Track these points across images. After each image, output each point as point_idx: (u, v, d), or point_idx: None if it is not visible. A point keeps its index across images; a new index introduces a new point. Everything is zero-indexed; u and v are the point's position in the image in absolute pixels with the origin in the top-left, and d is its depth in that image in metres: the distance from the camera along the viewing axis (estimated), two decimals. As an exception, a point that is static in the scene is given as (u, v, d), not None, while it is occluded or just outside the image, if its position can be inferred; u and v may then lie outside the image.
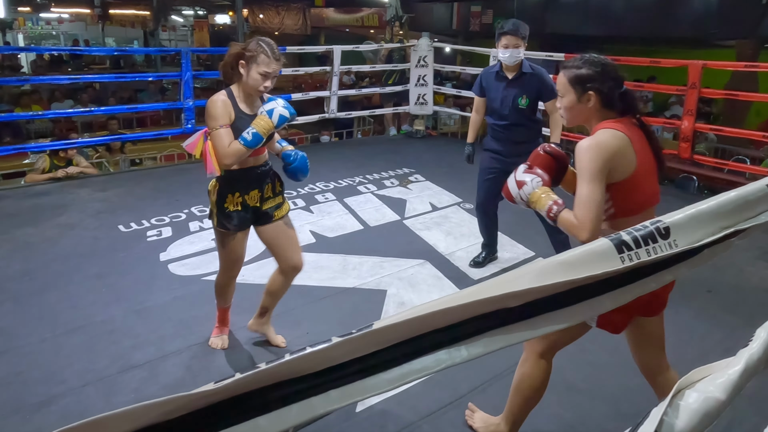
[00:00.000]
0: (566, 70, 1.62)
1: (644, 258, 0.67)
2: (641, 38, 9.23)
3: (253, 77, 2.03)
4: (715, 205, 0.80)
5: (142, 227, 3.73)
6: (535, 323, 0.61)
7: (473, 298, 0.56)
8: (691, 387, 0.72)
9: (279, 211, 2.27)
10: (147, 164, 6.20)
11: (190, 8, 17.89)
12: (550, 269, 0.60)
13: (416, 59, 6.39)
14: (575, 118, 1.64)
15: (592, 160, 1.48)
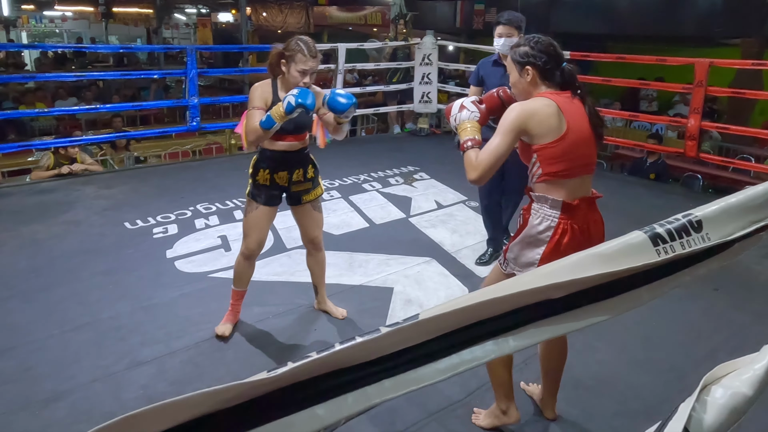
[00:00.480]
0: (511, 51, 1.79)
1: (679, 251, 0.67)
2: (646, 36, 9.21)
3: (292, 74, 2.23)
4: (744, 199, 0.79)
5: (147, 224, 3.73)
6: (577, 315, 0.61)
7: (517, 289, 0.56)
8: (716, 383, 0.71)
9: (308, 195, 2.49)
10: (151, 162, 6.21)
11: (193, 6, 17.89)
12: (588, 261, 0.61)
13: (420, 57, 6.38)
14: (520, 93, 1.77)
15: (511, 119, 1.64)
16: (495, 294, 0.55)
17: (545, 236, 1.66)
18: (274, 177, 2.38)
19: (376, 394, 0.54)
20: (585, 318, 0.60)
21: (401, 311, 2.76)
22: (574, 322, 0.60)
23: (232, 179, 4.78)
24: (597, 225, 1.73)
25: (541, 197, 1.68)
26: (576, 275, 0.58)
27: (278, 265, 3.20)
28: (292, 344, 2.48)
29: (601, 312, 0.61)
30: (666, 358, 2.40)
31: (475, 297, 0.55)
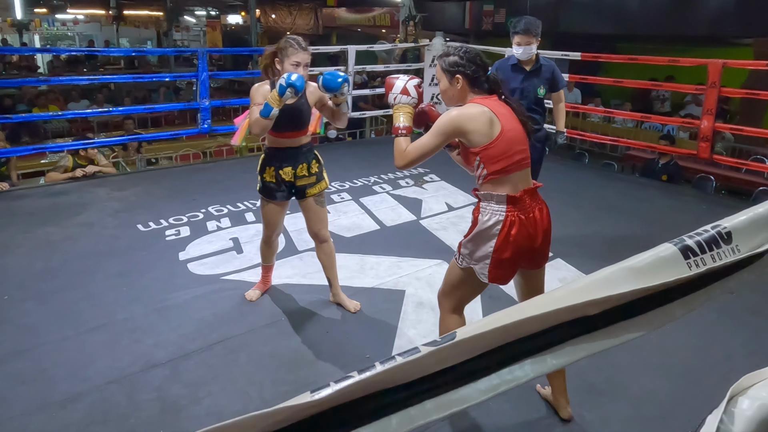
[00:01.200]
0: (439, 59, 1.88)
1: (710, 264, 0.66)
2: (656, 37, 9.14)
3: (287, 69, 2.34)
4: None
5: (160, 226, 3.76)
6: (614, 331, 0.60)
7: (553, 307, 0.56)
8: (743, 394, 0.70)
9: (312, 189, 2.60)
10: (163, 164, 6.25)
11: (202, 9, 18.02)
12: (621, 276, 0.60)
13: (430, 59, 6.38)
14: (450, 99, 1.87)
15: (447, 122, 1.75)
16: (531, 312, 0.55)
17: (495, 230, 1.78)
18: (279, 173, 2.52)
19: (419, 416, 0.53)
20: (621, 334, 0.60)
21: (413, 314, 2.76)
22: (611, 339, 0.59)
23: (243, 181, 4.80)
24: (542, 212, 1.83)
25: (487, 195, 1.80)
26: (610, 291, 0.58)
27: (290, 267, 3.21)
28: (305, 346, 2.48)
29: (637, 328, 0.61)
30: (681, 362, 2.38)
31: (512, 315, 0.55)
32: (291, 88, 2.19)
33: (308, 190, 2.59)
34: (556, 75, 3.28)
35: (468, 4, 12.15)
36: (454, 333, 0.54)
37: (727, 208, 3.70)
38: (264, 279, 2.90)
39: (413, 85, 1.90)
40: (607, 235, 3.44)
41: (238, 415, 0.55)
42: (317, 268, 3.18)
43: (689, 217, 4.23)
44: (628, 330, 0.61)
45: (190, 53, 9.01)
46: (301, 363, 2.37)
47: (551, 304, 0.56)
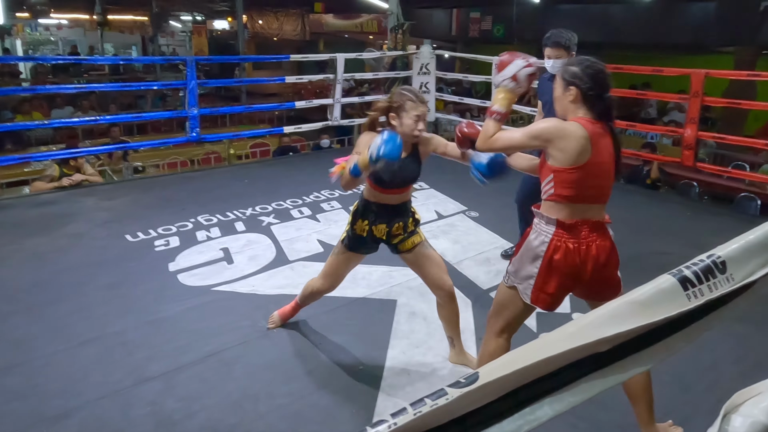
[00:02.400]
0: (562, 67, 1.84)
1: (707, 294, 0.69)
2: (641, 44, 9.31)
3: (406, 124, 2.17)
4: (762, 235, 0.82)
5: (149, 237, 3.74)
6: (624, 366, 0.63)
7: (568, 345, 0.58)
8: (735, 411, 0.74)
9: (403, 245, 2.33)
10: (150, 172, 6.21)
11: (188, 14, 17.93)
12: (626, 310, 0.63)
13: (418, 67, 6.43)
14: (560, 109, 1.81)
15: (543, 128, 1.73)
16: (548, 351, 0.57)
17: (540, 251, 1.74)
18: (372, 229, 2.29)
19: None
20: (630, 369, 0.63)
21: (405, 324, 2.78)
22: (622, 374, 0.62)
23: (233, 190, 4.80)
24: (600, 249, 1.74)
25: (542, 215, 1.77)
26: (618, 326, 0.61)
27: (282, 277, 3.22)
28: (299, 358, 2.49)
29: (644, 362, 0.64)
30: (670, 370, 2.43)
31: (530, 354, 0.57)
32: (382, 161, 1.97)
33: (400, 246, 2.33)
34: None
35: (455, 11, 12.27)
36: (476, 374, 0.56)
37: (711, 215, 3.79)
38: (292, 311, 2.68)
39: (526, 74, 1.82)
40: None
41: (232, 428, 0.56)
42: (309, 279, 3.19)
43: (675, 223, 4.31)
44: (636, 364, 0.64)
45: (179, 61, 8.96)
46: (295, 375, 2.37)
47: (565, 342, 0.58)
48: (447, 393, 0.53)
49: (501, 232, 3.90)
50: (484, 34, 11.72)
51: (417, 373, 2.41)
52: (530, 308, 1.85)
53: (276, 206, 4.33)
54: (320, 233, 3.85)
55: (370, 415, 2.15)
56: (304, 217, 4.13)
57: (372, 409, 2.19)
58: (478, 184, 2.16)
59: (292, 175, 5.29)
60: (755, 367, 2.45)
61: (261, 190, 4.70)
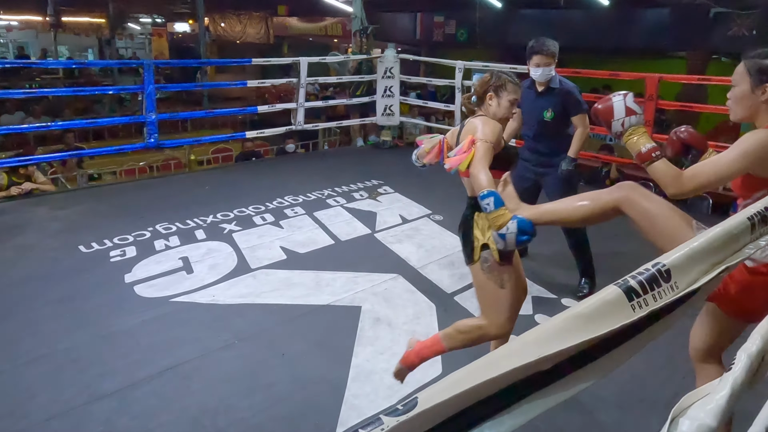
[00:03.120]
0: (748, 60, 1.55)
1: (652, 304, 0.69)
2: (599, 49, 9.57)
3: (504, 105, 2.08)
4: (705, 242, 0.83)
5: (104, 247, 3.60)
6: (566, 383, 0.62)
7: (509, 365, 0.56)
8: (683, 414, 0.74)
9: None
10: (106, 179, 6.01)
11: (147, 16, 17.50)
12: (572, 325, 0.61)
13: (383, 70, 6.43)
14: (744, 110, 1.56)
15: (757, 146, 1.43)
16: (489, 372, 0.55)
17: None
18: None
19: None
20: (574, 385, 0.61)
21: (370, 330, 2.76)
22: (564, 392, 0.61)
23: (193, 197, 4.68)
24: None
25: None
26: (562, 342, 0.59)
27: (243, 286, 3.14)
28: (261, 370, 2.43)
29: (588, 377, 0.63)
30: (627, 369, 2.47)
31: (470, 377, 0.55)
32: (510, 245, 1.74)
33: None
34: (573, 99, 3.09)
35: (419, 15, 12.35)
36: (415, 399, 0.53)
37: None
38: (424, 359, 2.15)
39: (632, 100, 1.59)
40: (556, 242, 3.55)
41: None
42: (271, 287, 3.14)
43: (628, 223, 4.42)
44: (580, 380, 0.63)
45: (136, 65, 8.71)
46: (257, 387, 2.31)
47: (508, 361, 0.56)
48: (383, 422, 0.51)
49: (465, 236, 3.92)
50: (448, 38, 11.83)
51: (382, 381, 2.38)
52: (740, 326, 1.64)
53: (238, 213, 4.25)
54: (283, 240, 3.78)
55: (333, 425, 2.12)
56: (266, 224, 4.06)
57: (336, 419, 2.16)
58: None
59: (255, 180, 5.20)
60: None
61: (222, 197, 4.60)
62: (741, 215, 0.95)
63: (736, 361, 0.86)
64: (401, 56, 6.64)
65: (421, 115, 8.61)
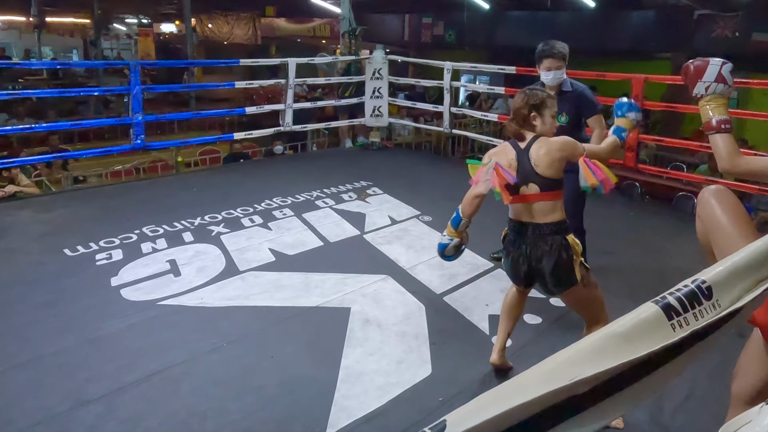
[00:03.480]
0: None
1: (693, 323, 0.64)
2: (586, 50, 9.66)
3: (549, 122, 2.17)
4: (747, 257, 0.77)
5: (90, 250, 3.55)
6: (604, 408, 0.57)
7: (544, 387, 0.52)
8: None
9: None
10: (92, 182, 5.93)
11: (133, 16, 17.34)
12: (608, 345, 0.57)
13: (371, 72, 6.42)
14: None
15: None
16: (523, 396, 0.51)
17: None
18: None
19: None
20: (611, 412, 0.57)
21: (360, 331, 2.75)
22: (601, 419, 0.56)
23: (180, 199, 4.64)
24: None
25: None
26: (599, 363, 0.55)
27: (232, 289, 3.12)
28: (250, 372, 2.41)
29: (626, 402, 0.58)
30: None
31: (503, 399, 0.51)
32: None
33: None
34: (586, 101, 3.09)
35: (407, 16, 12.37)
36: (443, 423, 0.50)
37: (652, 214, 3.94)
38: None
39: (729, 70, 1.57)
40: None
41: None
42: (260, 289, 3.12)
43: (618, 223, 4.47)
44: (617, 405, 0.58)
45: (122, 65, 8.62)
46: (246, 390, 2.30)
47: (541, 385, 0.52)
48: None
49: (454, 236, 3.92)
50: (437, 40, 11.86)
51: (372, 382, 2.38)
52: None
53: (226, 215, 4.22)
54: (272, 242, 3.76)
55: (323, 427, 2.11)
56: (255, 226, 4.03)
57: (326, 421, 2.15)
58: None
59: (243, 182, 5.16)
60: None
61: (210, 199, 4.56)
62: None
63: None
64: (390, 57, 6.64)
65: (410, 117, 8.63)
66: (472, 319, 2.90)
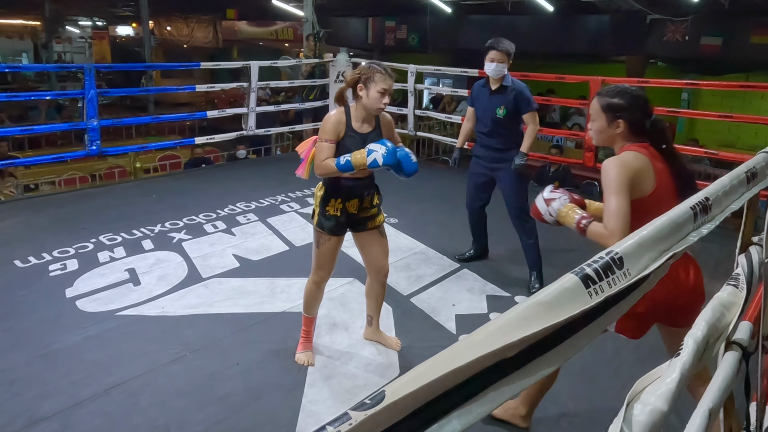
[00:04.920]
0: (600, 97, 1.77)
1: (607, 290, 0.71)
2: (545, 53, 9.88)
3: (372, 96, 2.22)
4: (654, 230, 0.87)
5: (42, 261, 3.40)
6: (530, 369, 0.62)
7: (475, 353, 0.56)
8: (637, 399, 0.76)
9: (373, 221, 2.45)
10: (44, 190, 5.69)
11: (87, 18, 16.79)
12: (533, 312, 0.63)
13: (335, 75, 6.40)
14: (604, 140, 1.79)
15: (618, 175, 1.62)
16: (456, 362, 0.55)
17: None
18: (345, 206, 2.36)
19: None
20: (536, 371, 0.62)
21: (327, 336, 2.72)
22: (528, 378, 0.62)
23: (139, 206, 4.50)
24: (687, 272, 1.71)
25: None
26: (525, 330, 0.60)
27: (195, 296, 3.04)
28: (214, 381, 2.35)
29: (550, 362, 0.64)
30: (578, 361, 2.54)
31: (437, 366, 0.55)
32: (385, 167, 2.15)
33: (370, 222, 2.43)
34: (524, 97, 3.22)
35: (370, 20, 12.38)
36: (382, 393, 0.52)
37: (611, 214, 3.90)
38: (308, 334, 2.54)
39: (549, 192, 1.81)
40: (509, 243, 3.63)
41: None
42: (224, 296, 3.05)
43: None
44: (542, 366, 0.64)
45: (76, 69, 8.33)
46: (210, 400, 2.24)
47: (473, 351, 0.56)
48: (350, 417, 0.49)
49: (420, 238, 3.94)
50: (400, 43, 11.92)
51: (339, 385, 2.36)
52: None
53: (188, 221, 4.11)
54: (236, 247, 3.69)
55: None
56: (218, 232, 3.95)
57: (294, 427, 2.11)
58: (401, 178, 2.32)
59: (206, 188, 5.05)
60: (652, 352, 2.62)
61: (170, 205, 4.44)
62: (684, 205, 0.99)
63: (683, 347, 0.89)
64: (354, 60, 6.63)
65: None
66: (439, 319, 2.91)
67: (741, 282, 1.15)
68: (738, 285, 1.14)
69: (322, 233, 2.38)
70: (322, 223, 2.37)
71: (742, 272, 1.18)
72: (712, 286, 3.58)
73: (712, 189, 1.11)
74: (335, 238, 2.39)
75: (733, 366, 1.04)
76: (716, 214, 1.07)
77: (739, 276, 1.17)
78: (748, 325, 1.13)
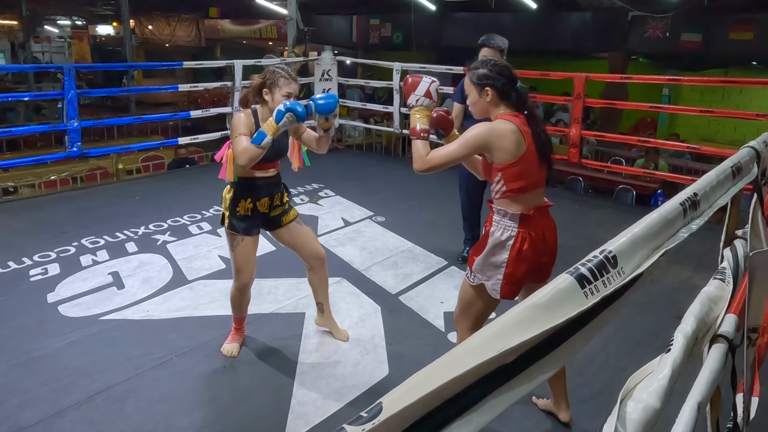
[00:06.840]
0: (469, 72, 1.90)
1: (603, 290, 0.70)
2: (528, 50, 9.93)
3: (277, 100, 2.26)
4: (645, 228, 0.86)
5: (22, 266, 3.33)
6: (530, 374, 0.61)
7: (473, 360, 0.54)
8: (629, 396, 0.75)
9: (286, 216, 2.48)
10: (24, 193, 5.58)
11: (66, 18, 16.50)
12: (530, 315, 0.61)
13: (320, 73, 6.36)
14: (480, 112, 1.91)
15: (475, 135, 1.79)
16: (454, 370, 0.53)
17: (508, 245, 1.83)
18: (256, 205, 2.39)
19: None
20: (537, 376, 0.61)
21: (315, 336, 2.70)
22: (528, 384, 0.60)
23: (122, 208, 4.43)
24: (550, 231, 1.90)
25: (501, 210, 1.84)
26: (523, 333, 0.59)
27: (179, 299, 3.00)
28: (201, 385, 2.32)
29: (549, 366, 0.63)
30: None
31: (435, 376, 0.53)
32: (290, 114, 2.11)
33: (283, 218, 2.47)
34: None
35: (355, 18, 12.34)
36: (379, 405, 0.50)
37: (594, 207, 4.09)
38: (238, 328, 2.59)
39: (435, 88, 1.91)
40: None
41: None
42: (210, 299, 3.01)
43: (564, 217, 4.59)
44: (541, 370, 0.62)
45: (55, 69, 8.16)
46: (197, 404, 2.20)
47: (471, 358, 0.55)
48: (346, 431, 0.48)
49: (407, 236, 3.93)
50: (384, 41, 11.90)
51: (328, 386, 2.33)
52: (496, 301, 1.92)
53: (172, 223, 4.06)
54: (221, 249, 3.64)
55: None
56: (203, 233, 3.90)
57: (282, 429, 2.09)
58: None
59: (190, 189, 4.99)
60: (637, 345, 2.66)
61: (154, 207, 4.38)
62: (674, 201, 0.99)
63: (674, 342, 0.89)
64: (338, 58, 6.60)
65: (360, 118, 8.61)
66: (428, 317, 2.91)
67: (727, 276, 1.15)
68: (725, 279, 1.14)
69: (236, 235, 2.38)
70: (234, 225, 2.37)
71: (728, 266, 1.18)
72: (696, 279, 3.65)
73: (700, 184, 1.11)
74: (249, 238, 2.41)
75: (719, 359, 1.04)
76: (705, 209, 1.07)
77: (725, 270, 1.17)
78: (734, 318, 1.14)
